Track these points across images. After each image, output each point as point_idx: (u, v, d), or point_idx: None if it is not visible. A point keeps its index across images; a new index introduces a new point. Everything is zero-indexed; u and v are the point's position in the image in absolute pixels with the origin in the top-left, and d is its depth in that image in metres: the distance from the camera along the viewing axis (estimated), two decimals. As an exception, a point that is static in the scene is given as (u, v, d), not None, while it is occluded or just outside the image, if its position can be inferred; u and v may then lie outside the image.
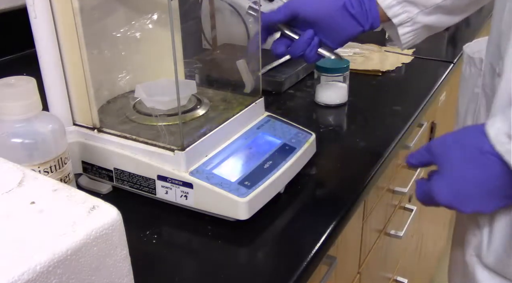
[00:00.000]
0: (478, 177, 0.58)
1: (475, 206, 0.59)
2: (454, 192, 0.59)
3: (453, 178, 0.59)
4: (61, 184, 0.39)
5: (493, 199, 0.58)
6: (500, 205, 0.59)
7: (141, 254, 0.55)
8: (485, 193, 0.58)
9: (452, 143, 0.60)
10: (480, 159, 0.56)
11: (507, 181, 0.56)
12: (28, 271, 0.30)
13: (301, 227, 0.66)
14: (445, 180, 0.60)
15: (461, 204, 0.59)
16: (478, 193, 0.58)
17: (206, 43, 1.20)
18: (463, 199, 0.59)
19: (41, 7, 0.63)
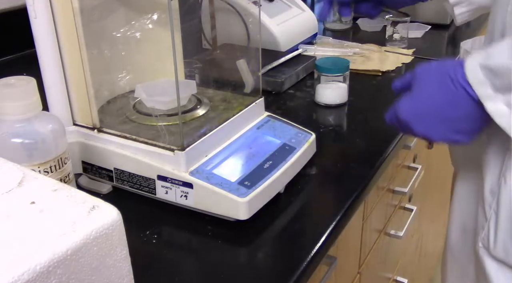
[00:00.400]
0: (438, 100, 0.60)
1: (425, 128, 0.62)
2: (413, 109, 0.63)
3: (417, 97, 0.63)
4: (61, 184, 0.39)
5: (443, 127, 0.61)
6: (447, 137, 0.61)
7: (141, 254, 0.55)
8: (438, 118, 0.61)
9: (433, 68, 0.63)
10: (448, 84, 0.59)
11: (462, 113, 0.58)
12: (28, 271, 0.30)
13: (301, 227, 0.66)
14: (410, 97, 0.63)
15: (415, 122, 0.62)
16: (433, 116, 0.61)
17: (206, 43, 1.20)
18: (418, 117, 0.62)
19: (41, 7, 0.63)
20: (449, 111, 0.60)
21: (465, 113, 0.59)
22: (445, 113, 0.60)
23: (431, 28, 1.42)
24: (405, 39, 1.32)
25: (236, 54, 1.09)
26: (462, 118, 0.59)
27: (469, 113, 0.58)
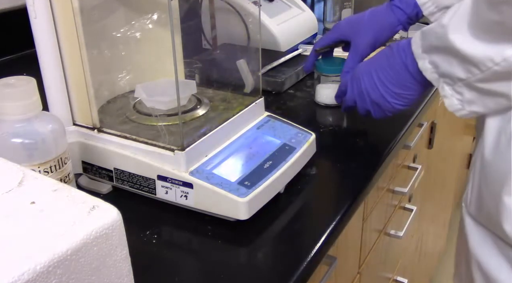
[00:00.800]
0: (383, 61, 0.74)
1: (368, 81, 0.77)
2: (366, 67, 0.77)
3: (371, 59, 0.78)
4: (61, 184, 0.39)
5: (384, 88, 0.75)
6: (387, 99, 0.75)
7: (141, 254, 0.55)
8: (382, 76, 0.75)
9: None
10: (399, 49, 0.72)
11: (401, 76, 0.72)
12: (28, 271, 0.30)
13: (301, 227, 0.66)
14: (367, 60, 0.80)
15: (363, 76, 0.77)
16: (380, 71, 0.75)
17: (206, 43, 1.20)
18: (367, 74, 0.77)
19: (41, 7, 0.63)
20: (393, 74, 0.73)
21: (404, 77, 0.72)
22: (389, 75, 0.73)
23: (431, 28, 1.42)
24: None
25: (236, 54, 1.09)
26: (401, 82, 0.73)
27: (405, 77, 0.72)
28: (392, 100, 0.74)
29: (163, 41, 0.70)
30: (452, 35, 0.60)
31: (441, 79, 0.66)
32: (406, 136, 0.92)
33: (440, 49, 0.63)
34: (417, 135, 1.10)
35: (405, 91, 0.73)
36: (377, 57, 0.76)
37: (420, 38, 0.67)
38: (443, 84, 0.65)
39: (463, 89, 0.63)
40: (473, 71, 0.60)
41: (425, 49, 0.66)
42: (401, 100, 0.74)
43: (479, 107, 0.63)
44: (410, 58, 0.69)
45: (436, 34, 0.63)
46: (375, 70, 0.75)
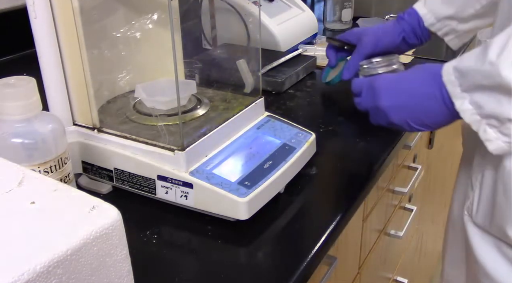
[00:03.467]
0: (417, 88, 0.67)
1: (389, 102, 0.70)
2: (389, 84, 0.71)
3: (397, 76, 0.72)
4: (61, 184, 0.39)
5: (410, 114, 0.68)
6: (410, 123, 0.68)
7: (141, 254, 0.55)
8: (410, 105, 0.68)
9: (421, 65, 0.70)
10: (429, 80, 0.66)
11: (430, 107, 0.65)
12: (28, 271, 0.30)
13: (301, 227, 0.66)
14: (392, 75, 0.73)
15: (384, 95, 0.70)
16: (404, 96, 0.69)
17: (206, 43, 1.20)
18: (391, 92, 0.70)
19: (41, 7, 0.63)
20: (421, 103, 0.66)
21: (434, 109, 0.65)
22: (416, 102, 0.67)
23: (431, 28, 1.42)
24: (405, 39, 1.32)
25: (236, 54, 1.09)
26: (429, 113, 0.66)
27: (437, 109, 0.65)
28: (416, 126, 0.68)
29: (163, 41, 0.70)
30: (506, 71, 0.55)
31: (483, 121, 0.60)
32: (406, 136, 0.92)
33: (488, 87, 0.58)
34: (417, 135, 1.10)
35: (433, 122, 0.67)
36: (406, 81, 0.69)
37: (457, 76, 0.61)
38: (486, 127, 0.60)
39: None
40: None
41: (466, 88, 0.61)
42: (425, 127, 0.68)
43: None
44: (447, 96, 0.63)
45: (483, 73, 0.58)
46: (401, 94, 0.69)
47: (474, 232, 0.72)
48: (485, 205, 0.69)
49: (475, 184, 0.71)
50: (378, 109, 0.71)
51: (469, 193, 0.73)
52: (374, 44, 0.90)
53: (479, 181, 0.70)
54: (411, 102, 0.67)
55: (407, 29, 0.90)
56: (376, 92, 0.71)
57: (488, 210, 0.69)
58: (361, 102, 0.76)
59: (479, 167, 0.71)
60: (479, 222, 0.71)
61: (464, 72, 0.60)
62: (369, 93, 0.73)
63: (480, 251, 0.71)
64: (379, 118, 0.72)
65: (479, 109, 0.59)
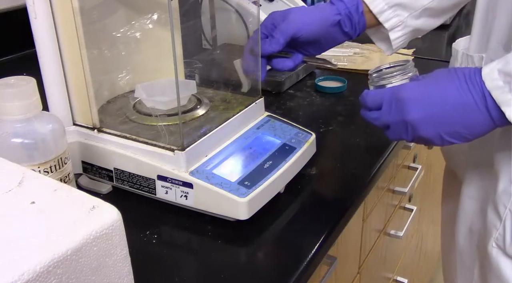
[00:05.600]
0: (450, 98, 0.58)
1: (420, 115, 0.59)
2: (418, 94, 0.60)
3: (424, 84, 0.61)
4: (61, 184, 0.39)
5: (443, 127, 0.59)
6: (443, 136, 0.59)
7: (141, 254, 0.55)
8: (443, 116, 0.58)
9: (449, 70, 0.61)
10: (464, 87, 0.57)
11: (471, 119, 0.57)
12: (28, 271, 0.30)
13: (301, 227, 0.66)
14: (420, 84, 0.61)
15: (414, 106, 0.60)
16: (439, 111, 0.59)
17: (206, 43, 1.20)
18: (419, 103, 0.59)
19: (41, 7, 0.63)
20: (458, 113, 0.58)
21: (474, 119, 0.57)
22: (452, 113, 0.58)
23: (431, 28, 1.42)
24: (405, 39, 1.32)
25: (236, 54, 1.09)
26: (467, 123, 0.58)
27: (478, 119, 0.57)
28: (449, 139, 0.60)
29: (163, 41, 0.70)
30: None
31: None
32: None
33: None
34: (417, 135, 1.10)
35: (471, 133, 0.59)
36: (437, 89, 0.60)
37: (507, 81, 0.54)
38: None
39: None
40: None
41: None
42: (459, 139, 0.60)
43: None
44: (492, 104, 0.56)
45: None
46: (434, 104, 0.59)
47: (509, 265, 0.67)
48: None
49: (505, 213, 0.66)
50: (405, 124, 0.61)
51: (495, 223, 0.68)
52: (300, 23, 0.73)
53: (509, 209, 0.65)
54: (447, 113, 0.58)
55: (343, 12, 0.74)
56: (403, 104, 0.60)
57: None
58: (381, 117, 0.64)
59: (507, 194, 0.66)
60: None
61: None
62: (392, 106, 0.62)
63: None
64: (403, 133, 0.62)
65: None
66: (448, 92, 0.58)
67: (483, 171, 0.73)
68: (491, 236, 0.68)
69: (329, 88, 1.05)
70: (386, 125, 0.64)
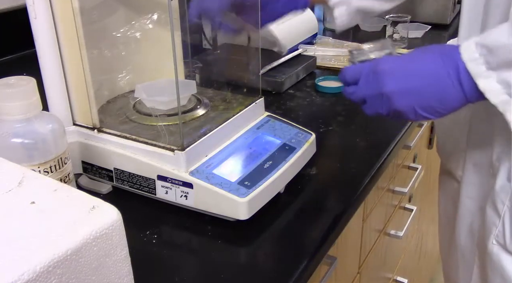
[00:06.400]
0: (423, 66, 0.60)
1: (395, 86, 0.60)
2: (395, 67, 0.61)
3: (402, 58, 0.63)
4: (61, 184, 0.39)
5: (416, 99, 0.60)
6: (416, 110, 0.60)
7: (141, 254, 0.55)
8: (416, 85, 0.60)
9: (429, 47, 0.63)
10: (439, 60, 0.59)
11: (443, 91, 0.58)
12: (28, 271, 0.30)
13: (301, 227, 0.66)
14: (395, 57, 0.64)
15: (390, 78, 0.61)
16: (412, 79, 0.60)
17: (206, 43, 1.20)
18: (395, 76, 0.61)
19: (41, 7, 0.63)
20: (432, 86, 0.59)
21: (447, 92, 0.59)
22: (426, 86, 0.59)
23: (431, 28, 1.42)
24: (405, 39, 1.32)
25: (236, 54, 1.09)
26: (441, 97, 0.59)
27: (450, 92, 0.58)
28: (422, 113, 0.61)
29: (163, 41, 0.70)
30: None
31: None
32: (406, 136, 0.92)
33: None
34: (417, 135, 1.10)
35: (443, 108, 0.60)
36: (413, 63, 0.62)
37: (482, 53, 0.56)
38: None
39: None
40: None
41: (493, 66, 0.55)
42: (432, 114, 0.61)
43: None
44: (465, 76, 0.57)
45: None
46: (409, 77, 0.61)
47: (509, 261, 0.68)
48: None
49: (503, 210, 0.67)
50: (381, 96, 0.62)
51: (494, 220, 0.68)
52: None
53: (508, 206, 0.66)
54: (421, 84, 0.59)
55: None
56: (380, 76, 0.62)
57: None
58: (357, 91, 0.65)
59: (504, 191, 0.67)
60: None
61: (493, 48, 0.55)
62: (369, 79, 0.63)
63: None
64: (379, 107, 0.63)
65: (508, 88, 0.55)
66: (424, 65, 0.60)
67: (482, 170, 0.73)
68: (491, 233, 0.69)
69: (329, 88, 1.05)
70: (363, 99, 0.65)
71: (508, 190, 0.66)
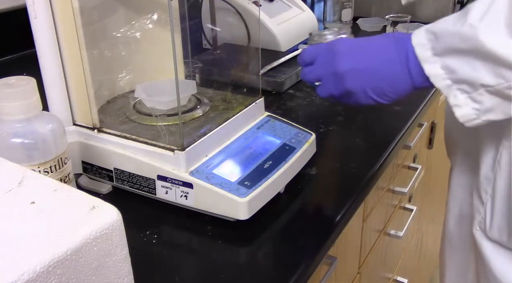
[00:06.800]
0: (377, 49, 0.63)
1: (349, 66, 0.63)
2: (351, 47, 0.64)
3: (358, 40, 0.66)
4: (61, 184, 0.39)
5: (368, 79, 0.63)
6: (367, 92, 0.63)
7: (141, 254, 0.55)
8: (369, 66, 0.63)
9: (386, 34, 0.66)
10: (392, 41, 0.62)
11: (394, 74, 0.61)
12: (28, 271, 0.30)
13: (301, 227, 0.66)
14: (353, 39, 0.67)
15: (345, 58, 0.64)
16: (365, 60, 0.63)
17: (206, 43, 1.20)
18: (350, 55, 0.64)
19: (41, 7, 0.63)
20: (383, 68, 0.62)
21: (396, 76, 0.61)
22: (378, 68, 0.62)
23: (431, 28, 1.42)
24: (405, 39, 1.32)
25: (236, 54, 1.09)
26: (391, 80, 0.62)
27: (399, 76, 0.61)
28: (372, 95, 0.64)
29: (163, 41, 0.70)
30: (485, 36, 0.53)
31: (454, 86, 0.58)
32: (406, 136, 0.92)
33: (463, 51, 0.56)
34: (417, 135, 1.10)
35: (393, 91, 0.63)
36: (368, 45, 0.65)
37: (430, 39, 0.59)
38: (457, 92, 0.58)
39: (484, 96, 0.56)
40: (508, 76, 0.54)
41: (438, 51, 0.58)
42: (381, 97, 0.64)
43: (497, 115, 0.58)
44: (413, 61, 0.60)
45: (461, 35, 0.56)
46: (363, 58, 0.63)
47: (490, 248, 0.70)
48: (500, 218, 0.67)
49: (486, 198, 0.68)
50: (335, 75, 0.64)
51: (478, 207, 0.70)
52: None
53: (490, 194, 0.68)
54: (372, 65, 0.62)
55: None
56: (336, 55, 0.64)
57: (505, 224, 0.67)
58: (313, 70, 0.67)
59: (488, 179, 0.68)
60: (495, 237, 0.68)
61: (439, 34, 0.58)
62: (326, 58, 0.65)
63: (498, 268, 0.69)
64: (332, 87, 0.65)
65: (451, 74, 0.58)
66: (378, 48, 0.63)
67: (472, 159, 0.74)
68: (475, 220, 0.71)
69: None
70: (318, 78, 0.67)
71: (491, 180, 0.67)
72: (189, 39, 0.82)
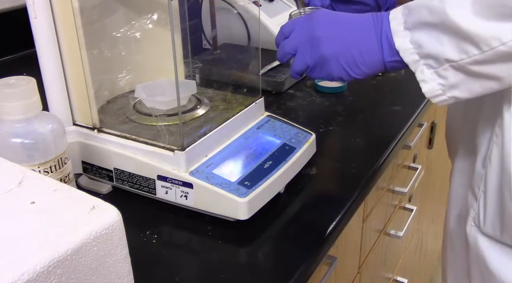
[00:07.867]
0: (354, 21, 0.64)
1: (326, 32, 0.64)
2: (328, 17, 0.66)
3: (337, 12, 0.67)
4: (61, 184, 0.39)
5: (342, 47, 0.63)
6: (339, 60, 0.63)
7: (141, 254, 0.55)
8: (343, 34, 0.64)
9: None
10: (369, 15, 0.63)
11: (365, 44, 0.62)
12: (28, 271, 0.30)
13: (301, 227, 0.66)
14: (331, 11, 0.69)
15: (323, 25, 0.65)
16: (341, 28, 0.64)
17: (206, 43, 1.20)
18: (326, 23, 0.65)
19: (41, 7, 0.63)
20: (357, 38, 0.63)
21: (368, 47, 0.62)
22: (352, 37, 0.63)
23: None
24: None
25: (236, 54, 1.09)
26: (363, 50, 0.62)
27: (371, 48, 0.62)
28: (345, 66, 0.64)
29: (163, 41, 0.70)
30: (451, 10, 0.55)
31: (421, 61, 0.59)
32: (406, 136, 0.92)
33: (431, 25, 0.57)
34: (417, 135, 1.10)
35: (364, 63, 0.63)
36: (347, 17, 0.66)
37: (404, 13, 0.60)
38: (423, 67, 0.59)
39: (449, 72, 0.57)
40: (470, 52, 0.55)
41: (409, 25, 0.59)
42: (354, 70, 0.64)
43: (462, 92, 0.59)
44: (386, 35, 0.61)
45: (430, 8, 0.57)
46: (340, 27, 0.64)
47: (485, 243, 0.70)
48: (492, 213, 0.68)
49: (479, 194, 0.69)
50: (311, 41, 0.65)
51: (472, 203, 0.71)
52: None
53: (482, 190, 0.68)
54: (348, 34, 0.63)
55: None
56: (314, 23, 0.65)
57: (497, 219, 0.67)
58: (291, 40, 0.67)
59: (480, 175, 0.69)
60: (489, 232, 0.69)
61: (412, 8, 0.59)
62: (304, 26, 0.66)
63: (494, 263, 0.69)
64: (307, 55, 0.66)
65: (418, 48, 0.58)
66: (356, 19, 0.64)
67: (472, 157, 0.74)
68: (469, 216, 0.71)
69: (329, 88, 1.05)
70: (295, 46, 0.67)
71: (482, 176, 0.68)
72: (189, 39, 0.82)
